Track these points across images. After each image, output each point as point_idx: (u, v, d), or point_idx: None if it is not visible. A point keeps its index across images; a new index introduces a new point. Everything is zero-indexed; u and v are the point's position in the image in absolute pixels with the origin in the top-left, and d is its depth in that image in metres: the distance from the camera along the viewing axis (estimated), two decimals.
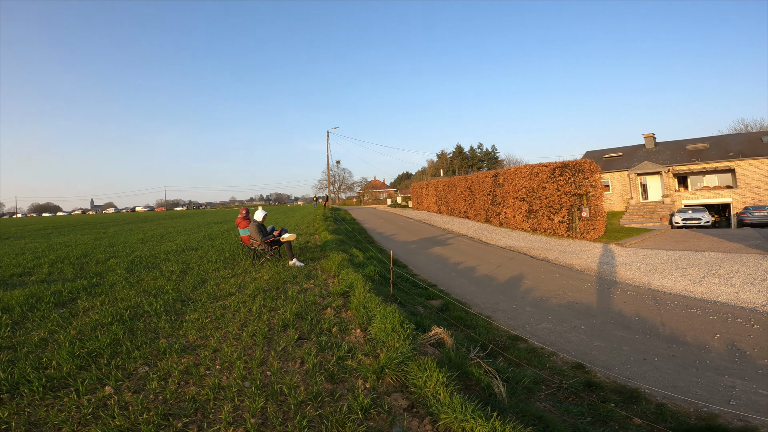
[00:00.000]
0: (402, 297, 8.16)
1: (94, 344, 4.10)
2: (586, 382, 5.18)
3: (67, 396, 3.11)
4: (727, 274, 10.35)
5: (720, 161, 30.13)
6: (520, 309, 8.63)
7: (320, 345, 4.30)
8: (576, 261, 13.27)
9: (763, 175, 28.03)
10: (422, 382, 3.44)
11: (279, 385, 3.34)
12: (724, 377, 5.37)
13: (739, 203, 28.67)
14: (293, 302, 5.86)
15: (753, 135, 33.37)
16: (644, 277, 10.66)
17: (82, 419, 2.82)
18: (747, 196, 28.50)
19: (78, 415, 2.87)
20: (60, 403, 3.04)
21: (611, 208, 33.45)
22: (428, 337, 4.92)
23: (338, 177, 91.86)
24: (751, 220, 24.18)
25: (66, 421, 2.77)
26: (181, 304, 5.76)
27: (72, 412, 2.90)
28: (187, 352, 4.03)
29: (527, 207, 21.21)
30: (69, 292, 6.43)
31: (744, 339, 6.58)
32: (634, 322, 7.56)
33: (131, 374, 3.57)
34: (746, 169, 28.86)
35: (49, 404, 3.03)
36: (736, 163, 29.29)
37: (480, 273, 12.20)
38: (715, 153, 31.40)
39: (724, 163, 29.91)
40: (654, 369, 5.66)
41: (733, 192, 29.31)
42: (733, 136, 35.64)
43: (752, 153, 29.14)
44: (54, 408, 2.98)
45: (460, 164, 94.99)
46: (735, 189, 29.27)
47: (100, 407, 2.98)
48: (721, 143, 32.74)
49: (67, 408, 2.96)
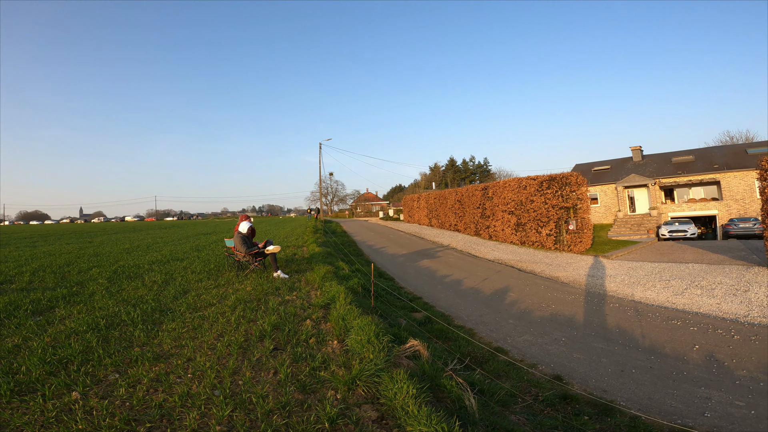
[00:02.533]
0: (385, 309, 8.18)
1: (66, 351, 4.09)
2: (563, 395, 5.20)
3: (33, 400, 3.14)
4: (709, 285, 10.49)
5: (705, 174, 30.69)
6: (503, 321, 8.67)
7: (295, 356, 4.30)
8: (562, 274, 13.38)
9: (748, 187, 28.56)
10: (392, 394, 3.45)
11: (248, 395, 3.35)
12: (701, 389, 5.42)
13: (724, 215, 29.14)
14: (273, 313, 5.85)
15: (738, 147, 34.06)
16: (628, 289, 10.77)
17: (45, 422, 2.85)
18: (732, 208, 28.98)
19: (42, 418, 2.90)
20: (25, 407, 3.06)
21: (600, 221, 33.83)
22: (404, 349, 4.94)
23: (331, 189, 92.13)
24: (737, 232, 24.58)
25: (29, 424, 2.80)
26: (160, 314, 5.73)
27: (36, 415, 2.94)
28: (159, 361, 4.02)
29: (516, 220, 21.39)
30: (48, 300, 6.40)
31: (723, 350, 6.65)
32: (615, 334, 7.63)
33: (100, 381, 3.57)
34: (731, 182, 29.40)
35: (15, 407, 3.06)
36: (721, 176, 29.84)
37: (466, 286, 12.25)
38: (700, 165, 31.99)
39: (709, 176, 30.46)
40: (631, 381, 5.70)
41: (718, 204, 29.80)
42: (718, 148, 36.34)
43: (737, 165, 29.70)
44: (18, 411, 3.00)
45: (452, 177, 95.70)
46: (720, 201, 29.78)
47: (64, 411, 3.00)
48: (707, 156, 33.36)
49: (31, 411, 2.99)
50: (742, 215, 27.95)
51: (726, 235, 25.46)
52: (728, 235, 25.05)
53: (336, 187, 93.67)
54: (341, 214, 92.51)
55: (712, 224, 31.52)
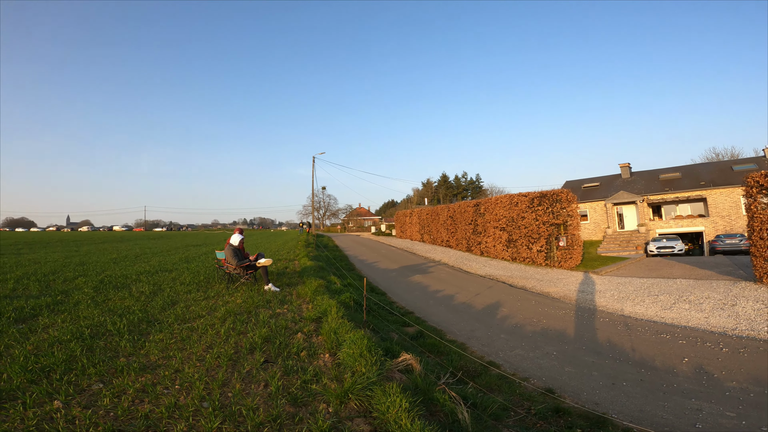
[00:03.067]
0: (377, 324, 8.11)
1: (49, 360, 3.99)
2: (555, 408, 5.18)
3: (13, 408, 3.05)
4: (697, 300, 10.59)
5: (692, 191, 31.29)
6: (494, 336, 8.64)
7: (286, 368, 4.24)
8: (552, 289, 13.43)
9: (733, 203, 29.12)
10: (385, 407, 3.40)
11: (238, 407, 3.28)
12: (692, 400, 5.43)
13: (711, 231, 29.62)
14: (263, 326, 5.77)
15: (724, 164, 34.85)
16: (617, 304, 10.83)
17: (25, 430, 2.77)
18: (719, 224, 29.49)
19: (22, 426, 2.82)
20: (5, 414, 2.98)
21: (589, 237, 34.17)
22: (396, 363, 4.89)
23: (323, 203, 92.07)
24: (723, 248, 24.95)
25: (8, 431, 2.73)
26: (147, 325, 5.62)
27: (16, 423, 2.85)
28: (146, 372, 3.93)
29: (507, 236, 21.51)
30: (31, 308, 6.27)
31: (712, 362, 6.70)
32: (605, 347, 7.64)
33: (84, 390, 3.48)
34: (717, 198, 29.97)
35: None
36: (707, 192, 30.43)
37: (458, 301, 12.23)
38: (687, 182, 32.62)
39: (696, 193, 31.06)
40: (622, 394, 5.70)
41: (705, 221, 30.32)
42: (704, 165, 37.09)
43: (723, 182, 30.34)
44: None
45: (444, 193, 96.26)
46: (707, 218, 30.31)
47: (45, 420, 2.92)
48: (693, 172, 34.06)
49: (11, 419, 2.91)
50: (728, 231, 28.44)
51: (713, 251, 25.84)
52: (715, 251, 25.43)
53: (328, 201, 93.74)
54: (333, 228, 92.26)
55: (699, 240, 32.02)
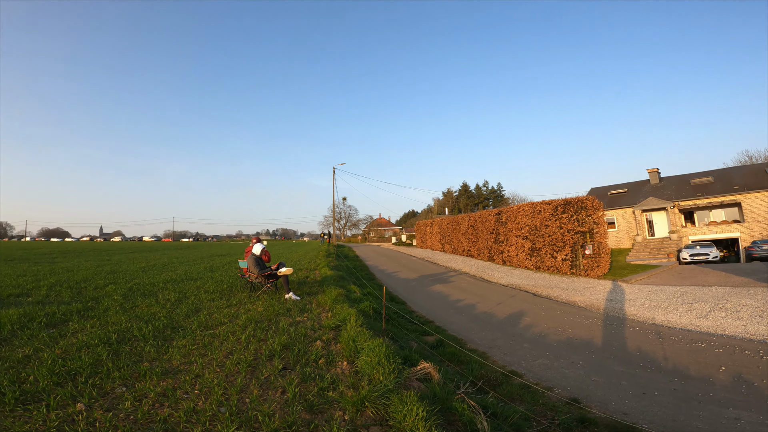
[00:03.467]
0: (396, 332, 8.05)
1: (76, 363, 4.11)
2: (580, 418, 4.99)
3: (36, 409, 3.13)
4: (734, 307, 10.10)
5: (725, 195, 29.95)
6: (517, 345, 8.44)
7: (304, 375, 4.24)
8: (578, 298, 13.04)
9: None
10: (402, 416, 3.36)
11: (255, 413, 3.30)
12: (729, 409, 5.16)
13: (747, 237, 28.25)
14: (283, 333, 5.81)
15: (757, 167, 33.24)
16: (648, 313, 10.43)
17: (46, 431, 2.84)
18: (755, 230, 28.10)
19: (43, 427, 2.89)
20: (28, 416, 3.06)
21: (617, 246, 33.14)
22: (415, 371, 4.83)
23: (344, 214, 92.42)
24: (760, 254, 23.78)
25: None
26: (171, 331, 5.75)
27: (38, 425, 2.93)
28: (168, 376, 4.01)
29: (530, 245, 21.10)
30: (62, 314, 6.49)
31: (752, 371, 6.35)
32: (635, 356, 7.35)
33: (107, 393, 3.56)
34: (752, 203, 28.60)
35: (18, 416, 3.05)
36: (741, 197, 29.07)
37: (479, 310, 12.02)
38: (720, 187, 31.28)
39: (729, 197, 29.71)
40: (653, 403, 5.46)
41: (740, 226, 28.94)
42: (737, 168, 35.49)
43: (757, 186, 28.94)
44: (21, 419, 2.99)
45: (465, 202, 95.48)
46: (742, 223, 28.92)
47: (66, 422, 2.99)
48: (726, 176, 32.65)
49: (33, 420, 2.98)
50: (764, 237, 27.08)
51: (749, 257, 24.65)
52: (752, 258, 24.26)
53: (349, 211, 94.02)
54: (354, 239, 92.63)
55: (734, 247, 30.58)
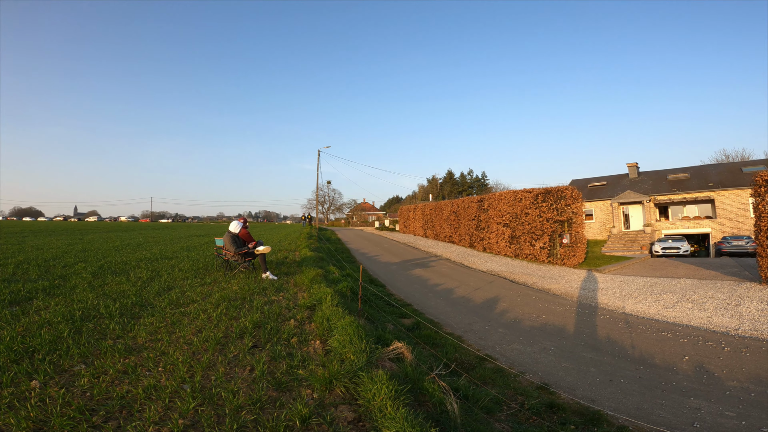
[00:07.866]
0: (374, 314, 8.04)
1: (35, 341, 3.96)
2: (549, 404, 5.08)
3: None
4: (700, 299, 10.42)
5: (700, 191, 30.79)
6: (492, 330, 8.54)
7: (274, 354, 4.17)
8: (554, 286, 13.28)
9: (741, 205, 28.65)
10: (371, 395, 3.32)
11: (219, 389, 3.22)
12: (690, 399, 5.31)
13: (718, 233, 29.19)
14: (256, 312, 5.72)
15: (733, 165, 34.27)
16: (619, 302, 10.68)
17: None
18: (726, 226, 29.05)
19: None
20: None
21: (594, 237, 33.85)
22: (388, 351, 4.81)
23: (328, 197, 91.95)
24: (729, 250, 24.62)
25: None
26: (139, 309, 5.58)
27: None
28: (131, 353, 3.88)
29: (510, 232, 21.34)
30: (27, 291, 6.27)
31: (713, 361, 6.56)
32: (604, 344, 7.52)
33: (64, 371, 3.44)
34: (725, 200, 29.49)
35: None
36: (715, 194, 29.95)
37: (457, 295, 12.13)
38: (695, 183, 32.13)
39: (704, 194, 30.56)
40: (619, 391, 5.59)
41: (712, 222, 29.89)
42: (713, 166, 36.46)
43: (732, 183, 29.82)
44: None
45: (450, 190, 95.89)
46: (714, 219, 29.86)
47: (18, 399, 2.88)
48: (702, 173, 33.53)
49: None
50: (735, 233, 28.02)
51: (719, 252, 25.50)
52: (721, 253, 25.10)
53: (333, 195, 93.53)
54: (337, 222, 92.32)
55: (705, 242, 31.59)
